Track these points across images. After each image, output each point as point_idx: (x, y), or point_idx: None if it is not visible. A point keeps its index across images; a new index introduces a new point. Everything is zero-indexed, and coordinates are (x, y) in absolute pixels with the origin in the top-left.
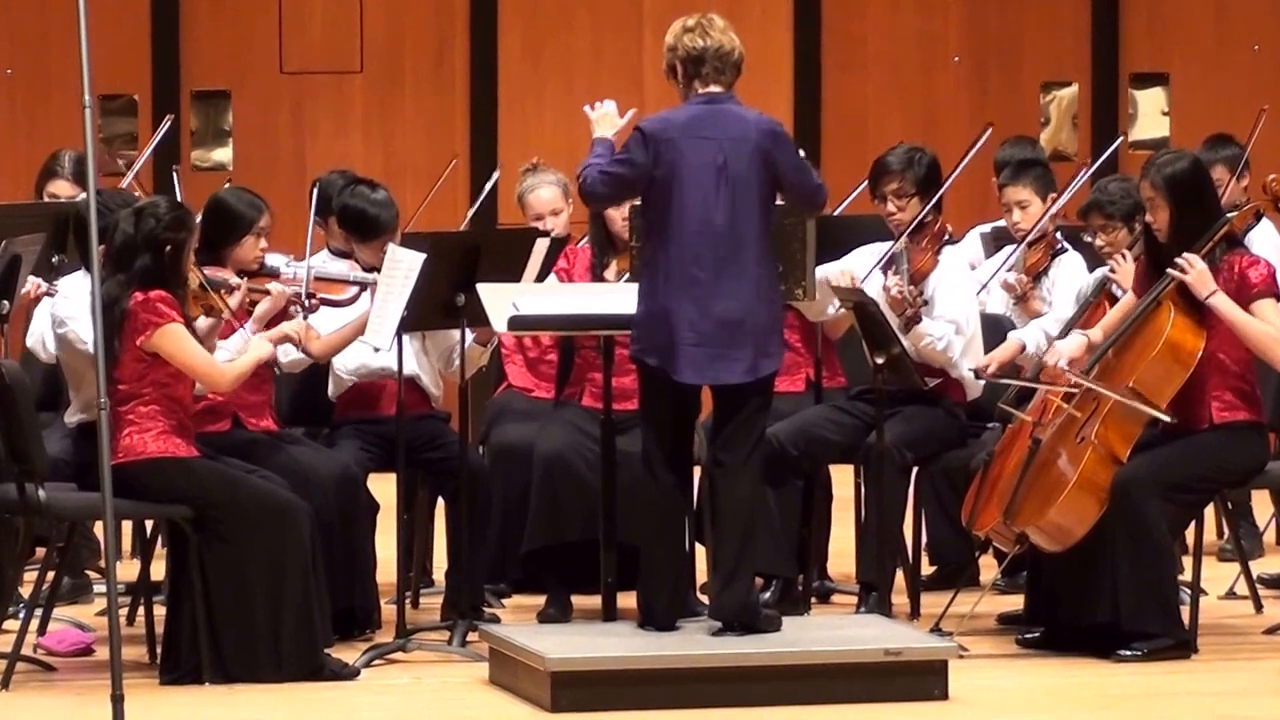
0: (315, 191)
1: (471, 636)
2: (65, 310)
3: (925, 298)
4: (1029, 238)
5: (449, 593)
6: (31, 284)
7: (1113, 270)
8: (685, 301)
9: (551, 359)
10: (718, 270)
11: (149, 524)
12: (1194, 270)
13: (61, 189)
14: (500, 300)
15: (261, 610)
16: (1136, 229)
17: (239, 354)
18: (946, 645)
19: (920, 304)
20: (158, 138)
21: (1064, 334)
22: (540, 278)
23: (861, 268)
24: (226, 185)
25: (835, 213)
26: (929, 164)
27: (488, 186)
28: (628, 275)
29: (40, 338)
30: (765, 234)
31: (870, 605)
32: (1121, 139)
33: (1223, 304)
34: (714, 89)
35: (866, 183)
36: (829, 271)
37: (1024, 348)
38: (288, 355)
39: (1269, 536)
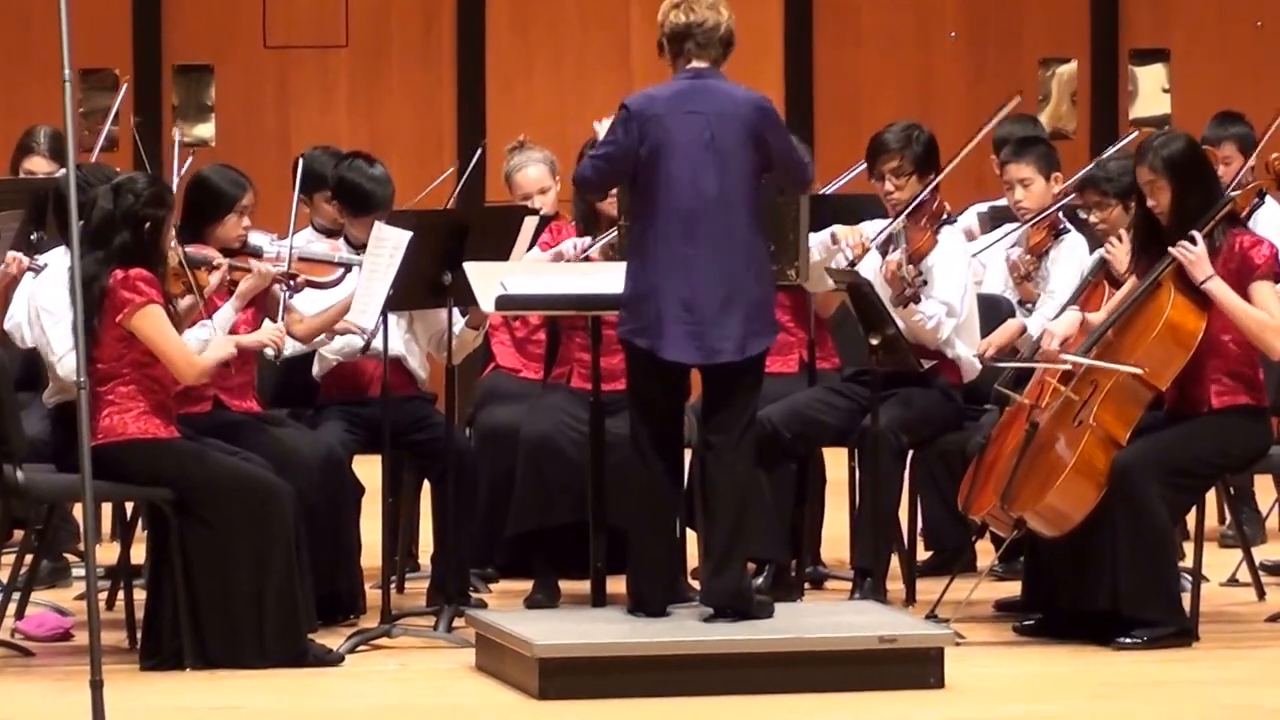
0: (300, 168)
1: (458, 622)
2: (45, 304)
3: (924, 278)
4: (1035, 220)
5: (435, 577)
6: (11, 259)
7: (1109, 250)
8: (674, 279)
9: (539, 339)
10: (706, 246)
11: (129, 506)
12: (1195, 254)
13: (38, 165)
14: (488, 279)
15: (244, 595)
16: (1133, 208)
17: (222, 330)
18: (942, 632)
19: (919, 284)
20: (110, 117)
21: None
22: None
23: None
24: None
25: (827, 190)
26: (926, 142)
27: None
28: (614, 253)
29: (20, 324)
30: (755, 209)
31: (865, 591)
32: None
33: (1218, 289)
34: (700, 64)
35: (864, 161)
36: (831, 234)
37: (1024, 329)
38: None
39: (1272, 522)
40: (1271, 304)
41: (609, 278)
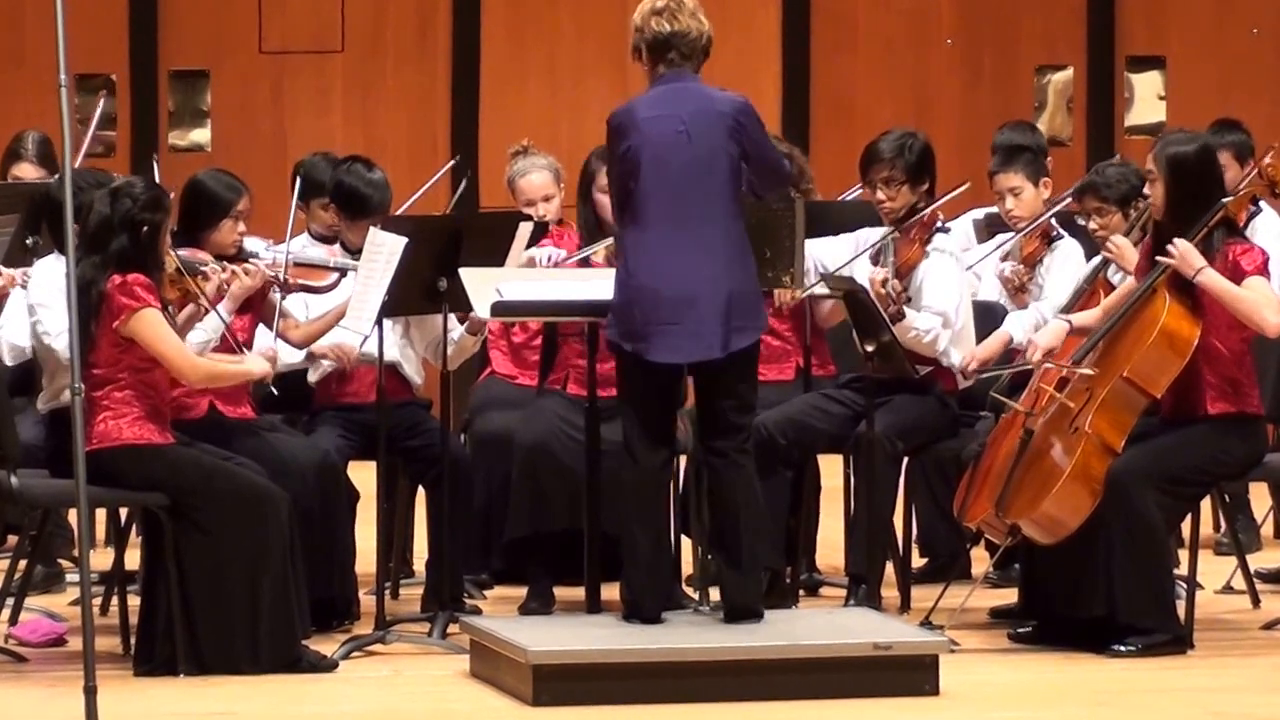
0: (298, 175)
1: (452, 628)
2: (37, 298)
3: (909, 293)
4: (1028, 229)
5: (429, 583)
6: (5, 276)
7: (1109, 250)
8: (657, 281)
9: (537, 345)
10: (687, 245)
11: (123, 512)
12: (1179, 252)
13: (26, 172)
14: (484, 285)
15: (238, 600)
16: (1131, 214)
17: (213, 334)
18: (937, 639)
19: (904, 300)
20: (95, 120)
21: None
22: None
23: (842, 258)
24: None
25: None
26: (920, 151)
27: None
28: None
29: (13, 342)
30: (735, 206)
31: (859, 598)
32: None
33: (1210, 279)
34: (678, 70)
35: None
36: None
37: (1010, 340)
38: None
39: (1267, 530)
40: (1265, 289)
41: (606, 283)
